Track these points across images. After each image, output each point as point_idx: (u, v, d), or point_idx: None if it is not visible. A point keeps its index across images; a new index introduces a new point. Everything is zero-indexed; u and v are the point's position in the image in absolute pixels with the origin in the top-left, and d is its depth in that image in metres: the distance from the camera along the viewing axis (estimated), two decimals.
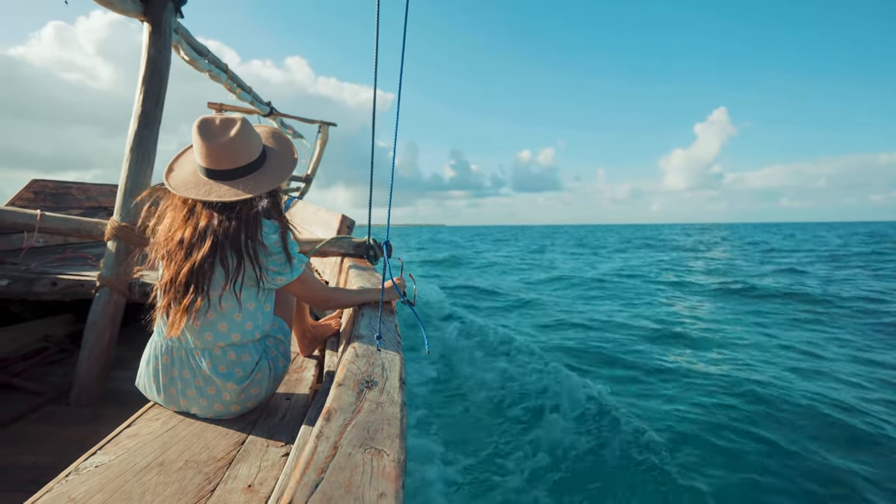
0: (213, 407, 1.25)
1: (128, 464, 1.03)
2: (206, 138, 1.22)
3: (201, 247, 1.16)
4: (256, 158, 1.28)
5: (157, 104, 2.19)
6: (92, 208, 4.74)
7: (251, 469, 1.05)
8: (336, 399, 0.81)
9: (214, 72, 3.48)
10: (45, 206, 4.07)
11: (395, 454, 0.65)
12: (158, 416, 1.27)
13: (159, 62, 2.19)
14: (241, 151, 1.24)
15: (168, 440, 1.15)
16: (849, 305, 9.97)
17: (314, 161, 6.49)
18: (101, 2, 1.93)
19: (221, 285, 1.18)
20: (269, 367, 1.31)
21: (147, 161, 2.17)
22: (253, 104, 5.04)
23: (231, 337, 1.22)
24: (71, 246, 3.78)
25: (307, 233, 3.36)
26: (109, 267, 2.13)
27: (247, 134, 1.26)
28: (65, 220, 2.25)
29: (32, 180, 4.18)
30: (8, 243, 3.10)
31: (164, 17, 2.20)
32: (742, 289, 12.60)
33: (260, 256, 1.20)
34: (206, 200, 1.21)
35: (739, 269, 17.89)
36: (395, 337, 1.20)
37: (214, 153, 1.22)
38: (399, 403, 0.82)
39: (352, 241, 2.42)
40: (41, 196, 4.20)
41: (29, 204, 3.98)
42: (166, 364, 1.24)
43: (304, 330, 1.79)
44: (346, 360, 1.01)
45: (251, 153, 1.27)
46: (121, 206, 2.14)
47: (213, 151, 1.22)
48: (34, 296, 2.29)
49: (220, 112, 3.97)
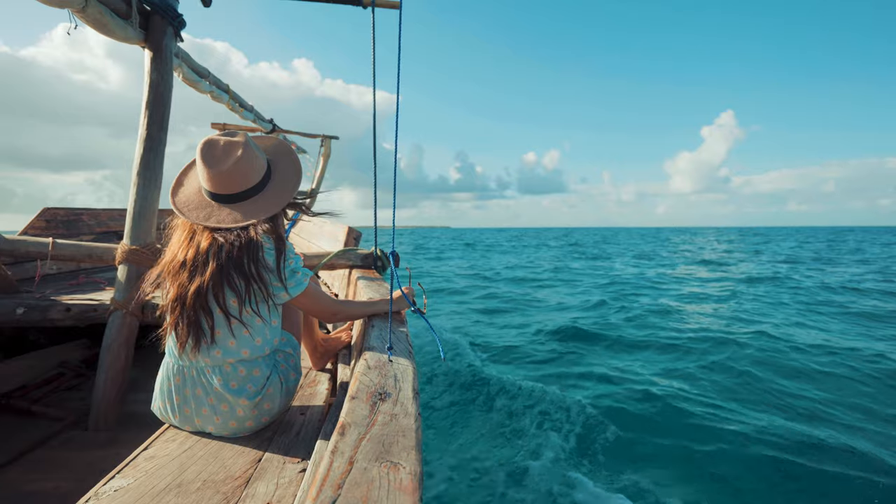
0: (227, 424, 1.25)
1: (146, 486, 1.03)
2: (209, 164, 1.23)
3: (205, 269, 1.18)
4: (259, 181, 1.30)
5: (162, 128, 2.22)
6: (103, 233, 4.81)
7: (269, 487, 1.05)
8: (350, 413, 0.80)
9: (216, 93, 3.53)
10: (57, 233, 4.13)
11: (412, 467, 0.64)
12: (175, 438, 1.27)
13: (162, 87, 2.23)
14: (243, 176, 1.26)
15: (185, 461, 1.15)
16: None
17: (318, 175, 6.54)
18: (103, 31, 1.97)
19: (228, 304, 1.19)
20: (280, 381, 1.31)
21: (154, 184, 2.20)
22: (255, 122, 5.10)
23: (241, 353, 1.23)
24: (84, 271, 3.83)
25: (314, 246, 3.38)
26: (121, 290, 2.16)
27: (249, 158, 1.26)
28: (76, 247, 2.28)
29: (44, 209, 4.25)
30: (22, 272, 3.15)
31: (165, 43, 2.24)
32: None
33: (263, 275, 1.21)
34: (206, 226, 1.22)
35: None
36: (406, 347, 1.20)
37: (217, 179, 1.23)
38: (413, 415, 0.81)
39: (359, 253, 2.42)
40: (53, 224, 4.27)
41: (41, 232, 4.04)
42: (179, 384, 1.25)
43: (315, 343, 1.80)
44: (358, 373, 1.01)
45: (253, 177, 1.28)
46: (130, 229, 2.17)
47: (215, 177, 1.23)
48: (49, 322, 2.32)
49: (223, 130, 4.02)
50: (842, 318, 8.97)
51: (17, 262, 3.11)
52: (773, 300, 11.04)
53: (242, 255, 1.19)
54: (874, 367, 5.70)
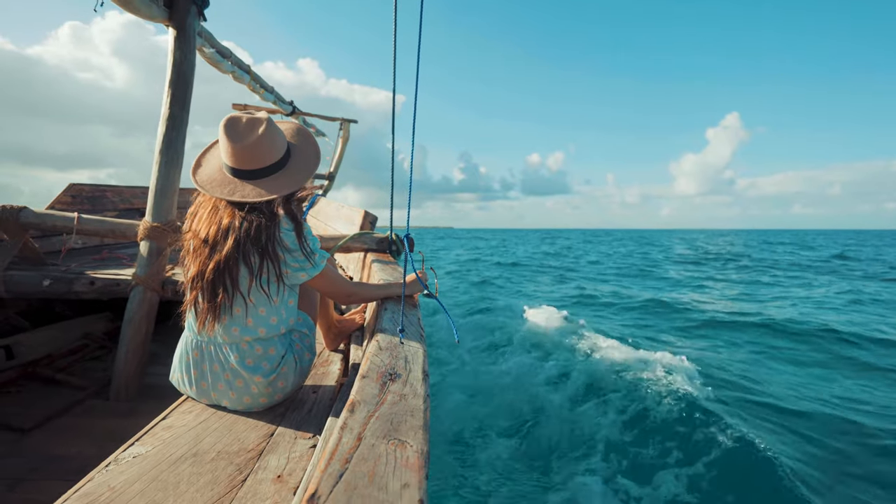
0: (242, 400, 1.28)
1: (163, 455, 1.06)
2: (233, 139, 1.24)
3: (224, 245, 1.19)
4: (281, 158, 1.31)
5: (184, 107, 2.25)
6: (126, 210, 4.92)
7: (280, 460, 1.07)
8: (360, 391, 0.81)
9: (238, 73, 3.55)
10: (82, 209, 4.24)
11: (419, 445, 0.65)
12: (192, 409, 1.31)
13: (184, 66, 2.25)
14: (265, 152, 1.26)
15: (201, 432, 1.18)
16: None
17: (336, 158, 6.56)
18: (128, 8, 1.99)
19: (246, 282, 1.21)
20: (294, 360, 1.33)
21: (176, 163, 2.23)
22: (276, 104, 5.12)
23: (257, 331, 1.25)
24: (107, 247, 3.93)
25: (331, 229, 3.40)
26: (143, 266, 2.21)
27: (272, 134, 1.27)
28: (100, 222, 2.34)
29: (70, 184, 4.36)
30: (49, 245, 3.25)
31: (188, 21, 2.25)
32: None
33: (281, 254, 1.23)
34: (231, 200, 1.23)
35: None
36: (417, 330, 1.20)
37: (240, 153, 1.24)
38: (422, 395, 0.82)
39: (374, 237, 2.44)
40: (78, 199, 4.38)
41: (67, 207, 4.15)
42: (197, 359, 1.28)
43: (329, 324, 1.82)
44: (369, 353, 1.02)
45: (275, 153, 1.29)
46: (152, 206, 2.21)
47: (238, 152, 1.24)
48: (74, 295, 2.39)
49: (244, 109, 4.06)
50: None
51: (45, 235, 3.20)
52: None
53: (261, 233, 1.20)
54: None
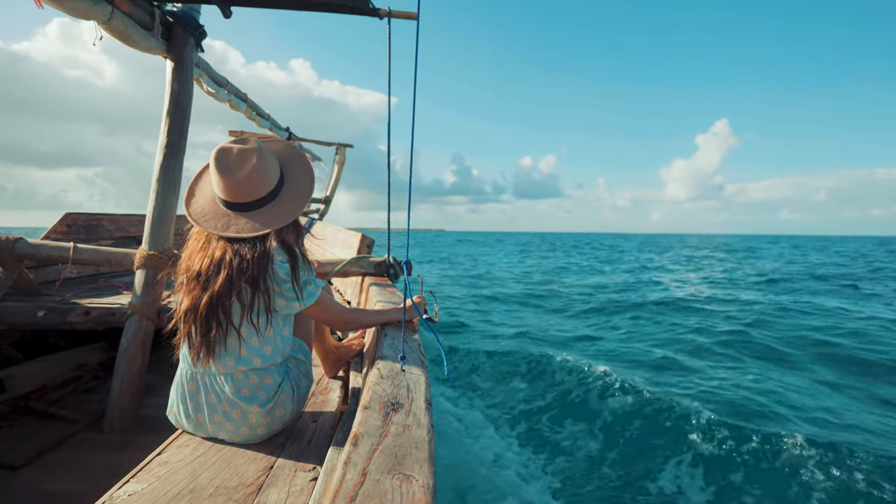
0: (239, 431, 1.26)
1: (160, 492, 1.03)
2: (224, 173, 1.23)
3: (217, 279, 1.18)
4: (273, 188, 1.30)
5: (182, 136, 2.27)
6: (122, 238, 4.90)
7: (280, 495, 1.05)
8: (362, 423, 0.80)
9: (235, 101, 3.59)
10: (78, 238, 4.22)
11: (425, 479, 0.64)
12: (188, 443, 1.28)
13: (182, 96, 2.27)
14: (257, 185, 1.26)
15: (198, 467, 1.16)
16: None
17: (333, 182, 6.60)
18: (127, 42, 2.02)
19: (239, 315, 1.20)
20: (291, 388, 1.31)
21: (173, 191, 2.24)
22: (272, 130, 5.18)
23: (252, 362, 1.23)
24: (103, 275, 3.90)
25: (328, 254, 3.40)
26: (139, 295, 2.19)
27: (263, 165, 1.27)
28: (96, 251, 2.33)
29: (66, 214, 4.34)
30: (44, 275, 3.22)
31: (186, 53, 2.29)
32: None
33: (275, 285, 1.21)
34: (224, 236, 1.23)
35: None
36: (418, 356, 1.19)
37: (232, 188, 1.24)
38: (426, 426, 0.81)
39: (371, 261, 2.43)
40: (74, 228, 4.36)
41: (62, 237, 4.13)
42: (192, 390, 1.26)
43: (327, 351, 1.80)
44: (370, 382, 1.01)
45: (268, 184, 1.28)
46: (149, 234, 2.21)
47: (231, 186, 1.24)
48: (69, 325, 2.36)
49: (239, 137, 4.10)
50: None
51: (40, 265, 3.18)
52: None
53: (253, 267, 1.19)
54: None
